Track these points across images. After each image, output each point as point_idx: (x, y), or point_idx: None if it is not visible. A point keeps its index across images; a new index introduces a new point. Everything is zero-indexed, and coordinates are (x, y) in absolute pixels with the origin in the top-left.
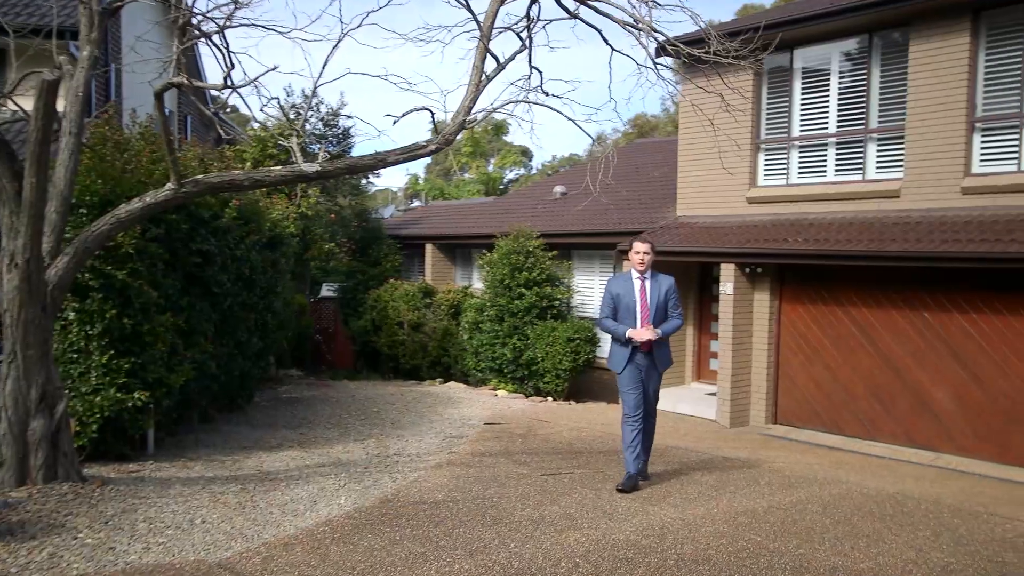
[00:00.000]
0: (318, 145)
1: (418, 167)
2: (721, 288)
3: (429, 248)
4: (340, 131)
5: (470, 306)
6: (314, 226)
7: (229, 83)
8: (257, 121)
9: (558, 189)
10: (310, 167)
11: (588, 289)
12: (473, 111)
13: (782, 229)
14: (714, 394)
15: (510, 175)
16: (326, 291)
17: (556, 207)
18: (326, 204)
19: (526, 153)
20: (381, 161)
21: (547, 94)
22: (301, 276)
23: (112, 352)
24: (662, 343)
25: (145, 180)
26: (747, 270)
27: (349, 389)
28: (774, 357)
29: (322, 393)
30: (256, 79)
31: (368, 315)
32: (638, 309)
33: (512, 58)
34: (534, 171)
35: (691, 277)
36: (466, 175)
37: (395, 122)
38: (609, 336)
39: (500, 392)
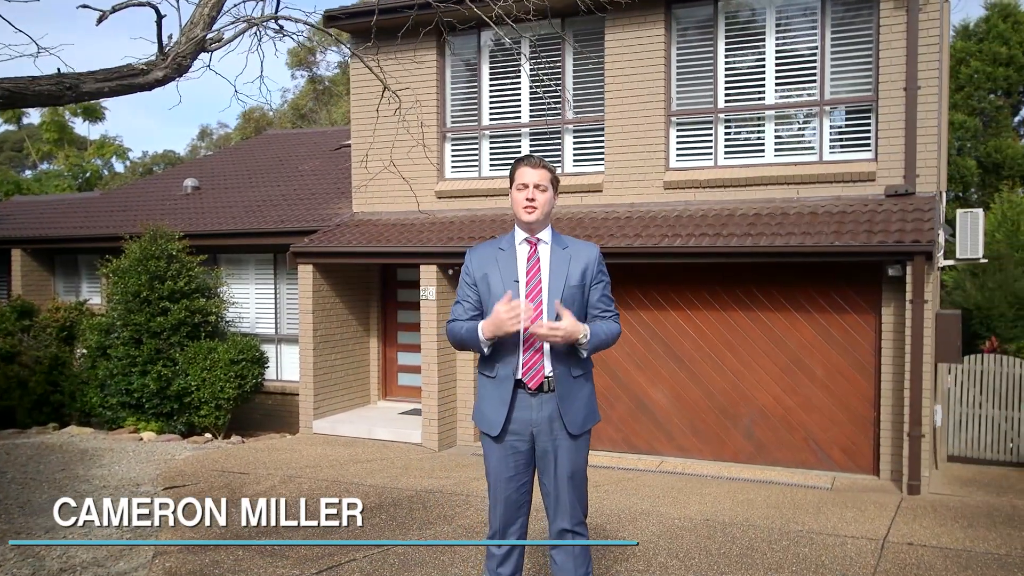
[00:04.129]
0: None
1: None
2: (422, 293)
3: (17, 255)
4: None
5: (92, 327)
6: None
7: None
8: None
9: (189, 183)
10: None
11: (243, 300)
12: (217, 26)
13: (483, 226)
14: (409, 413)
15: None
16: None
17: (191, 203)
18: None
19: (108, 148)
20: (69, 89)
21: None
22: None
23: None
24: (578, 373)
25: None
26: (450, 272)
27: None
28: None
29: None
30: None
31: None
32: (523, 295)
33: None
34: (117, 168)
35: (370, 282)
36: (46, 166)
37: (100, 20)
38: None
39: (145, 435)
